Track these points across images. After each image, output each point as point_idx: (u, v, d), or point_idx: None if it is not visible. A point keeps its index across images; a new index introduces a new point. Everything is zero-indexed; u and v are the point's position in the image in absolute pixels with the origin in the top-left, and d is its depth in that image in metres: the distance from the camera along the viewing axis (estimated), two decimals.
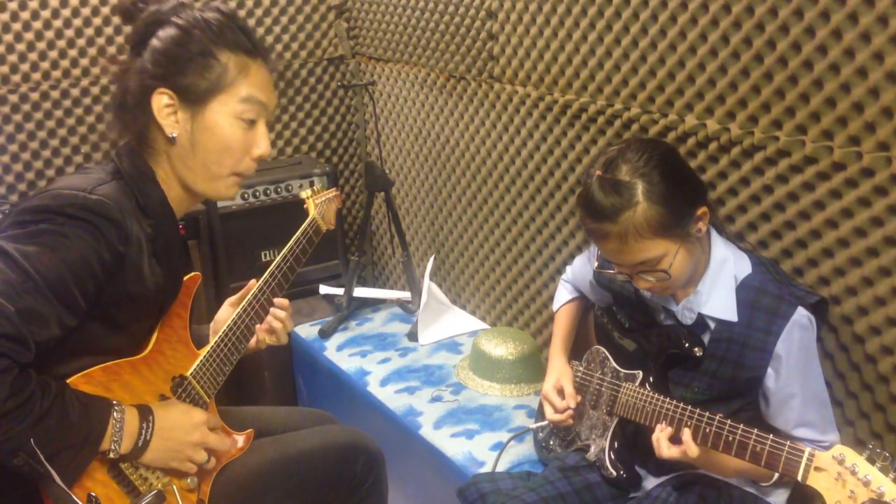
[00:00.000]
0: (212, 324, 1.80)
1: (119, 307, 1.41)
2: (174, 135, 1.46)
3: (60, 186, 1.37)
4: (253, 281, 1.76)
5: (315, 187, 2.05)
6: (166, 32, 1.45)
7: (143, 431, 1.40)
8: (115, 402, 1.38)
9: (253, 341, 1.74)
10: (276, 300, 1.75)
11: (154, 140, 1.49)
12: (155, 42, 1.45)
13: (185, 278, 1.59)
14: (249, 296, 1.73)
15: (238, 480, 1.65)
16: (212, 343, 1.64)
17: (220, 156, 1.49)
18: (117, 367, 1.45)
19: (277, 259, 1.80)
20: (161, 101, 1.45)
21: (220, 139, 1.48)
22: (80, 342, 1.39)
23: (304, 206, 1.96)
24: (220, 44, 1.46)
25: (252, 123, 1.50)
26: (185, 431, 1.48)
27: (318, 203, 1.98)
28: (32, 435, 1.25)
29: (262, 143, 1.52)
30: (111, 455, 1.36)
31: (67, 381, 1.37)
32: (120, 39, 2.88)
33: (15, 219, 1.33)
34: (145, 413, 1.42)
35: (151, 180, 1.48)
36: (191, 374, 1.58)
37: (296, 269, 1.84)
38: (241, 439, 1.70)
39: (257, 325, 1.72)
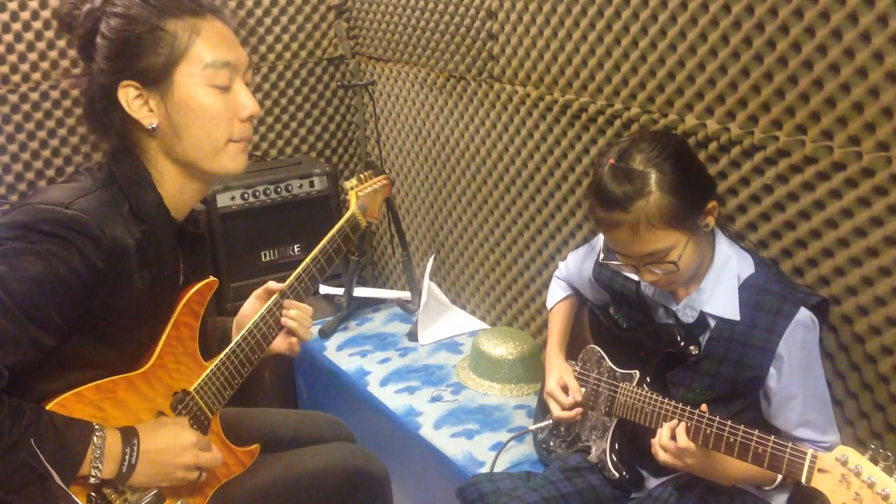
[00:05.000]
0: (236, 318, 1.72)
1: (108, 321, 1.37)
2: (153, 125, 1.39)
3: (38, 200, 1.32)
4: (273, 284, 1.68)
5: (362, 175, 1.88)
6: (107, 24, 1.37)
7: (127, 456, 1.34)
8: (96, 425, 1.32)
9: (277, 346, 1.68)
10: (286, 304, 1.66)
11: (138, 139, 1.43)
12: (100, 39, 1.38)
13: (200, 284, 1.52)
14: (270, 302, 1.65)
15: (236, 500, 1.60)
16: (220, 356, 1.57)
17: (205, 129, 1.41)
18: (112, 385, 1.39)
19: (306, 261, 1.70)
20: (129, 95, 1.39)
21: (199, 111, 1.40)
22: (70, 357, 1.35)
23: (346, 197, 1.81)
24: (164, 14, 1.38)
25: (226, 89, 1.42)
26: (174, 454, 1.41)
27: (363, 195, 1.84)
28: (1, 465, 1.21)
29: (247, 104, 1.44)
30: (92, 480, 1.30)
31: (58, 398, 1.32)
32: None
33: None
34: (129, 436, 1.35)
35: (145, 181, 1.43)
36: (194, 390, 1.52)
37: (326, 271, 1.72)
38: (243, 456, 1.64)
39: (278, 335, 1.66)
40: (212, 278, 1.55)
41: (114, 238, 1.33)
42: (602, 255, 1.74)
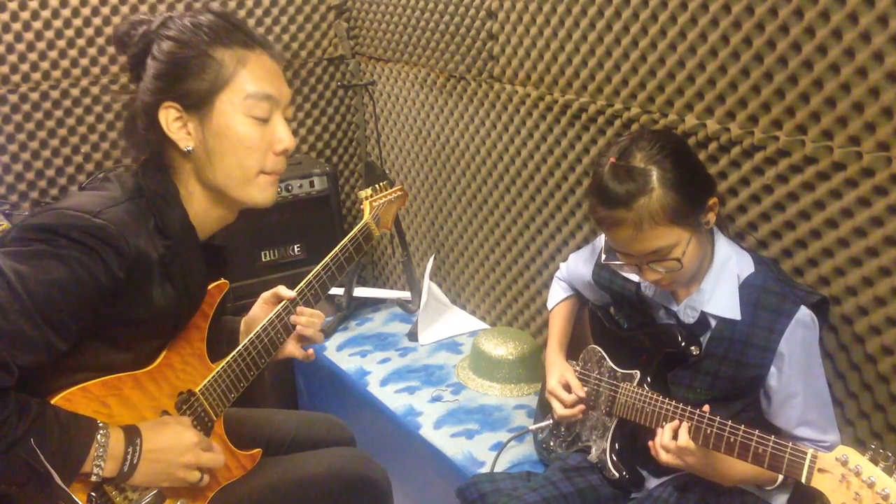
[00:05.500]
0: (245, 319, 1.74)
1: (122, 329, 1.38)
2: (189, 147, 1.42)
3: (68, 206, 1.33)
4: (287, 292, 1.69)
5: (378, 185, 1.91)
6: (160, 47, 1.41)
7: (129, 456, 1.34)
8: (101, 423, 1.33)
9: (290, 351, 1.71)
10: (294, 314, 1.68)
11: (172, 159, 1.46)
12: (150, 60, 1.42)
13: (211, 286, 1.53)
14: (279, 307, 1.66)
15: (238, 503, 1.60)
16: (227, 358, 1.57)
17: (239, 158, 1.43)
18: (118, 381, 1.40)
19: (317, 268, 1.71)
20: (169, 116, 1.41)
21: (235, 141, 1.42)
22: (79, 359, 1.35)
23: (360, 206, 1.84)
24: (215, 43, 1.42)
25: (265, 121, 1.45)
26: (177, 453, 1.41)
27: (377, 205, 1.86)
28: (4, 460, 1.22)
29: (283, 138, 1.46)
30: (93, 478, 1.31)
31: (64, 392, 1.33)
32: None
33: (17, 234, 1.30)
34: (132, 435, 1.36)
35: (173, 198, 1.44)
36: (199, 391, 1.53)
37: (336, 279, 1.73)
38: (245, 460, 1.64)
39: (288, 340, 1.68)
40: (222, 280, 1.56)
41: (138, 250, 1.34)
42: (604, 256, 1.74)
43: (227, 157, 1.43)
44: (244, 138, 1.43)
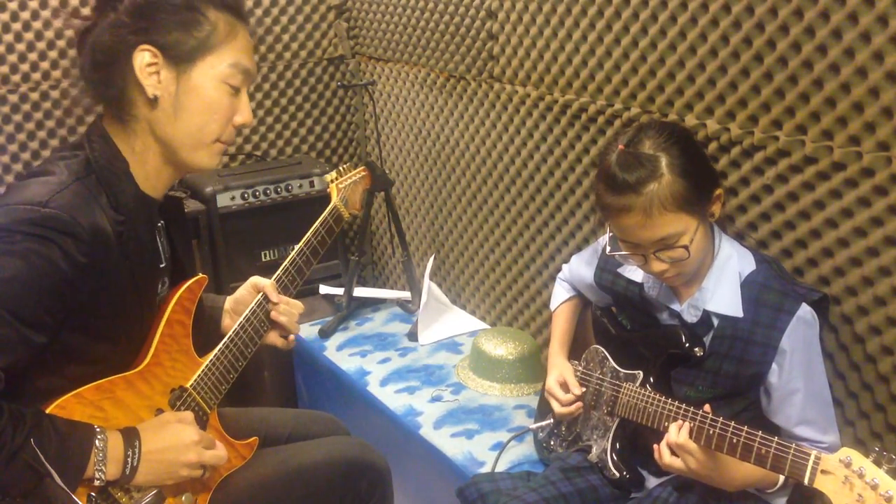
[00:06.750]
0: (230, 299, 1.75)
1: (96, 314, 1.36)
2: (156, 95, 1.38)
3: (15, 201, 1.30)
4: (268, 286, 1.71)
5: (341, 167, 1.95)
6: None
7: (129, 458, 1.34)
8: (97, 428, 1.33)
9: (271, 339, 1.73)
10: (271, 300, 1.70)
11: (132, 104, 1.40)
12: None
13: (191, 281, 1.53)
14: (259, 296, 1.68)
15: (238, 493, 1.60)
16: (214, 352, 1.59)
17: (205, 121, 1.42)
18: (110, 385, 1.40)
19: (292, 254, 1.74)
20: (144, 59, 1.36)
21: (206, 103, 1.42)
22: (65, 352, 1.35)
23: (328, 190, 1.88)
24: (208, 1, 1.40)
25: (237, 91, 1.45)
26: (178, 452, 1.41)
27: (343, 187, 1.88)
28: (5, 473, 1.22)
29: (244, 111, 1.47)
30: (97, 483, 1.31)
31: (59, 400, 1.33)
32: None
33: None
34: (131, 438, 1.36)
35: (124, 173, 1.41)
36: (191, 386, 1.53)
37: (312, 263, 1.77)
38: (243, 449, 1.66)
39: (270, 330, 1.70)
40: (201, 275, 1.57)
41: (94, 230, 1.32)
42: (608, 248, 1.73)
43: (193, 116, 1.42)
44: (215, 103, 1.43)
